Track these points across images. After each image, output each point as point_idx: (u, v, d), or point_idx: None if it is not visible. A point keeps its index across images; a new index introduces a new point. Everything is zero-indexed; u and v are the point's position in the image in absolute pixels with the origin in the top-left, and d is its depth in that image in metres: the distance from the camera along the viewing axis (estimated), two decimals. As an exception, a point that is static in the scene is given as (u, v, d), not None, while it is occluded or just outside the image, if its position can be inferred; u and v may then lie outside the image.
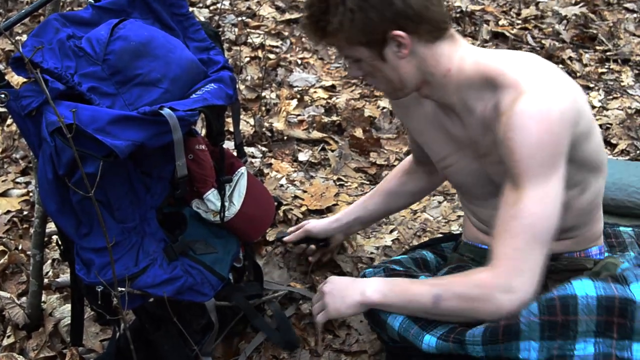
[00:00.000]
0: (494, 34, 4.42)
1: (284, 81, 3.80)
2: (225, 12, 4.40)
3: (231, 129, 2.01)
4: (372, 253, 2.58)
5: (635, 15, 4.62)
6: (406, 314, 1.70)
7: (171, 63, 1.71)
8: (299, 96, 3.62)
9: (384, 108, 3.57)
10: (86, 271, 1.71)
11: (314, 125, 3.40)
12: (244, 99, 3.54)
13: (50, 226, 2.25)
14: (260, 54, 3.97)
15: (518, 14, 4.71)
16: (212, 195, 1.91)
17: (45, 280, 2.35)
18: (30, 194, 2.86)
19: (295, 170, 3.11)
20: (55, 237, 2.46)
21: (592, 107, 3.65)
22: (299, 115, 3.49)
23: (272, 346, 2.20)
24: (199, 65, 1.81)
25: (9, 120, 3.26)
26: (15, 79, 3.00)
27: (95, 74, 1.65)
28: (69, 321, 2.05)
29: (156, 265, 1.77)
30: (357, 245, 2.61)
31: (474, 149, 1.75)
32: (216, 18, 4.30)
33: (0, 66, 3.69)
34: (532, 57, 1.64)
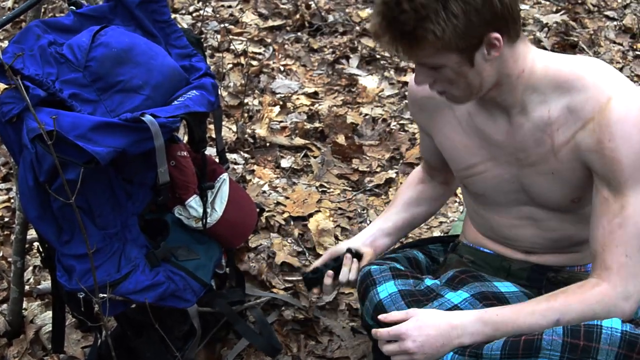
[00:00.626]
0: (476, 41, 4.44)
1: (267, 88, 3.81)
2: (208, 19, 4.40)
3: (213, 136, 2.01)
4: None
5: (615, 23, 4.67)
6: None
7: (153, 70, 1.71)
8: (281, 103, 3.62)
9: (366, 115, 3.59)
10: (67, 278, 1.71)
11: (297, 131, 3.40)
12: (226, 106, 3.54)
13: (32, 233, 2.24)
14: (242, 60, 3.98)
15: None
16: (194, 201, 1.91)
17: (27, 287, 2.34)
18: (12, 200, 2.84)
19: (277, 177, 3.12)
20: (36, 244, 2.44)
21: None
22: (282, 121, 3.49)
23: (255, 352, 2.20)
24: (181, 72, 1.81)
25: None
26: (-3, 86, 2.99)
27: (77, 80, 1.65)
28: (50, 328, 2.04)
29: (138, 271, 1.77)
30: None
31: (516, 157, 1.69)
32: (199, 25, 4.30)
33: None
34: (598, 61, 1.62)
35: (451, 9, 1.42)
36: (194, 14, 4.46)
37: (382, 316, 1.69)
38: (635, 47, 4.42)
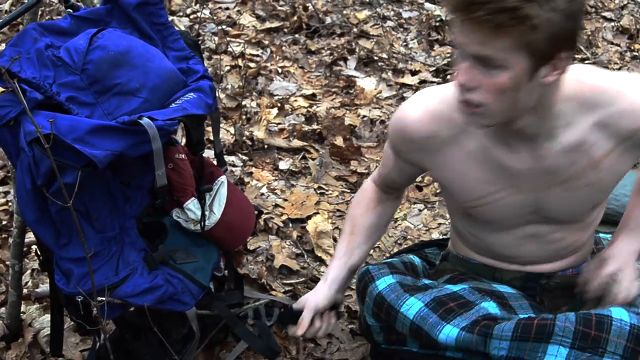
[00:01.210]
0: (474, 43, 4.44)
1: (265, 90, 3.80)
2: (206, 21, 4.40)
3: (211, 138, 2.01)
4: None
5: (612, 23, 4.67)
6: None
7: (150, 72, 1.71)
8: (279, 105, 3.62)
9: (364, 116, 3.58)
10: (65, 281, 1.71)
11: (295, 133, 3.40)
12: (224, 108, 3.54)
13: (30, 236, 2.24)
14: (240, 62, 3.98)
15: (497, 23, 4.73)
16: (192, 204, 1.91)
17: (25, 291, 2.33)
18: (9, 203, 2.84)
19: (275, 179, 3.12)
20: (34, 247, 2.44)
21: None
22: (280, 123, 3.49)
23: (254, 355, 2.20)
24: (178, 75, 1.81)
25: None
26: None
27: (74, 83, 1.65)
28: (49, 331, 2.04)
29: (136, 274, 1.77)
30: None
31: (544, 180, 1.64)
32: (196, 27, 4.30)
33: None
34: (601, 70, 1.61)
35: (559, 3, 1.33)
36: (191, 16, 4.46)
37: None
38: (632, 48, 4.42)
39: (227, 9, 4.61)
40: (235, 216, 2.02)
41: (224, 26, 4.37)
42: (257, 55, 4.14)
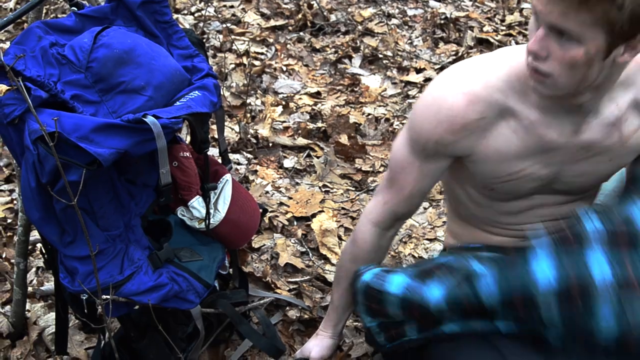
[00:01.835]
0: (479, 40, 4.44)
1: (269, 88, 3.80)
2: (210, 19, 4.40)
3: (216, 136, 2.00)
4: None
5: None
6: None
7: (154, 70, 1.70)
8: (284, 103, 3.62)
9: (369, 114, 3.58)
10: (70, 279, 1.71)
11: (299, 131, 3.40)
12: (228, 106, 3.54)
13: (35, 234, 2.24)
14: (245, 60, 3.98)
15: (502, 20, 4.74)
16: (197, 202, 1.91)
17: (30, 289, 2.34)
18: (14, 201, 2.84)
19: (280, 177, 3.12)
20: (39, 245, 2.45)
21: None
22: (284, 122, 3.49)
23: (259, 353, 2.20)
24: (183, 73, 1.81)
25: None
26: (-1, 87, 2.98)
27: (79, 81, 1.65)
28: (54, 329, 2.04)
29: (141, 272, 1.76)
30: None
31: (574, 155, 1.66)
32: (201, 25, 4.30)
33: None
34: None
35: None
36: (196, 14, 4.46)
37: None
38: None
39: (232, 7, 4.62)
40: (239, 214, 2.02)
41: (228, 24, 4.37)
42: (262, 53, 4.14)
